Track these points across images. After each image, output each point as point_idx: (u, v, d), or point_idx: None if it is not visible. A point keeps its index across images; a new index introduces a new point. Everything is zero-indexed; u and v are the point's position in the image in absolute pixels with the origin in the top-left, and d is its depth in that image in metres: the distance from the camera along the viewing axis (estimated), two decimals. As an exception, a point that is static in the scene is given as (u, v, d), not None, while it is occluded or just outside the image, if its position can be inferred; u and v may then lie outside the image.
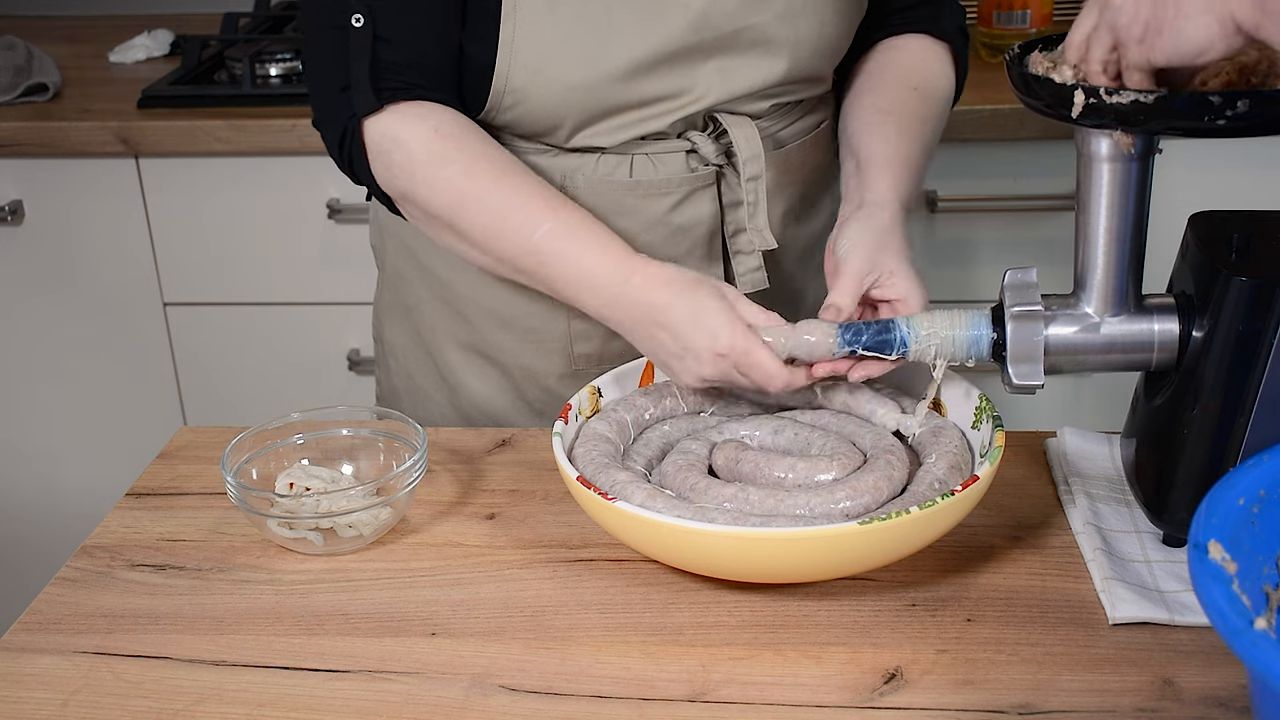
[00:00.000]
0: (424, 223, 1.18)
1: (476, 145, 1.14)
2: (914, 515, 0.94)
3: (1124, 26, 0.87)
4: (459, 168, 1.13)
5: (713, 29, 1.15)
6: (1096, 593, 1.00)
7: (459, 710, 0.92)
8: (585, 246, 1.12)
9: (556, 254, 1.12)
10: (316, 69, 1.17)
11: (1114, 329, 1.01)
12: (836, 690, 0.92)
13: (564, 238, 1.11)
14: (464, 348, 1.31)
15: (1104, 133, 0.95)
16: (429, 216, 1.16)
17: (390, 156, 1.14)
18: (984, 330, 1.03)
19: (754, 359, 1.05)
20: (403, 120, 1.13)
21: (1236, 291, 0.94)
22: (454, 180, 1.13)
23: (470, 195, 1.13)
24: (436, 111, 1.14)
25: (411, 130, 1.13)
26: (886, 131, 1.21)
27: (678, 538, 0.95)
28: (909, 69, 1.27)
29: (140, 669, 0.97)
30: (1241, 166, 1.89)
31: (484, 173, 1.13)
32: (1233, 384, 0.96)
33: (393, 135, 1.13)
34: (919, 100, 1.24)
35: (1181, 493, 1.00)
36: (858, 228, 1.12)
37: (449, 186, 1.13)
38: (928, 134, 1.24)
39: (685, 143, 1.21)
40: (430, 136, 1.13)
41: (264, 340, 2.14)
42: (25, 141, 2.02)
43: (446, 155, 1.13)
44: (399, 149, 1.13)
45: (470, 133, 1.15)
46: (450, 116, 1.15)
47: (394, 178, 1.15)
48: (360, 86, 1.13)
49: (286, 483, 1.12)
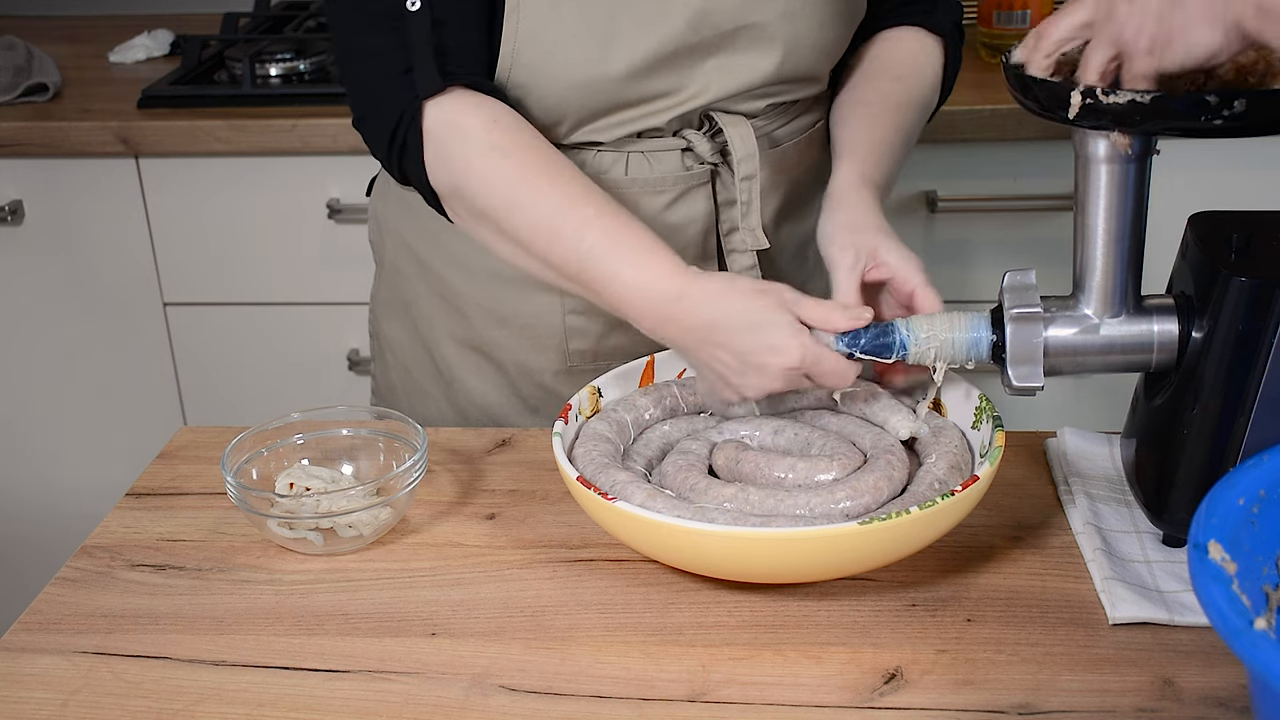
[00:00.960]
0: (471, 222, 1.14)
1: (530, 141, 1.12)
2: (914, 515, 0.94)
3: (1130, 40, 0.87)
4: (514, 162, 1.10)
5: (713, 27, 1.15)
6: (1096, 593, 1.00)
7: (459, 710, 0.92)
8: (631, 260, 1.07)
9: (602, 267, 1.08)
10: (366, 59, 1.14)
11: (1113, 330, 1.01)
12: (836, 690, 0.92)
13: (610, 249, 1.07)
14: (460, 343, 1.31)
15: (1102, 134, 0.95)
16: (477, 215, 1.13)
17: (447, 145, 1.11)
18: (983, 332, 1.03)
19: (824, 366, 1.02)
20: (463, 106, 1.11)
21: (1236, 291, 0.94)
22: (508, 175, 1.10)
23: (523, 193, 1.10)
24: (491, 102, 1.12)
25: (471, 118, 1.11)
26: (861, 120, 1.21)
27: (678, 538, 0.96)
28: (895, 60, 1.27)
29: (140, 669, 0.97)
30: (1242, 167, 1.89)
31: (538, 171, 1.11)
32: (1232, 384, 0.96)
33: (452, 121, 1.11)
34: (901, 88, 1.25)
35: (1181, 493, 1.00)
36: (828, 221, 1.12)
37: (503, 181, 1.10)
38: (905, 118, 1.23)
39: (681, 141, 1.21)
40: (489, 126, 1.11)
41: (264, 340, 2.14)
42: (25, 141, 2.02)
43: (503, 148, 1.11)
44: (456, 136, 1.11)
45: (525, 128, 1.13)
46: (504, 109, 1.13)
47: (449, 168, 1.12)
48: (424, 68, 1.10)
49: (286, 483, 1.12)
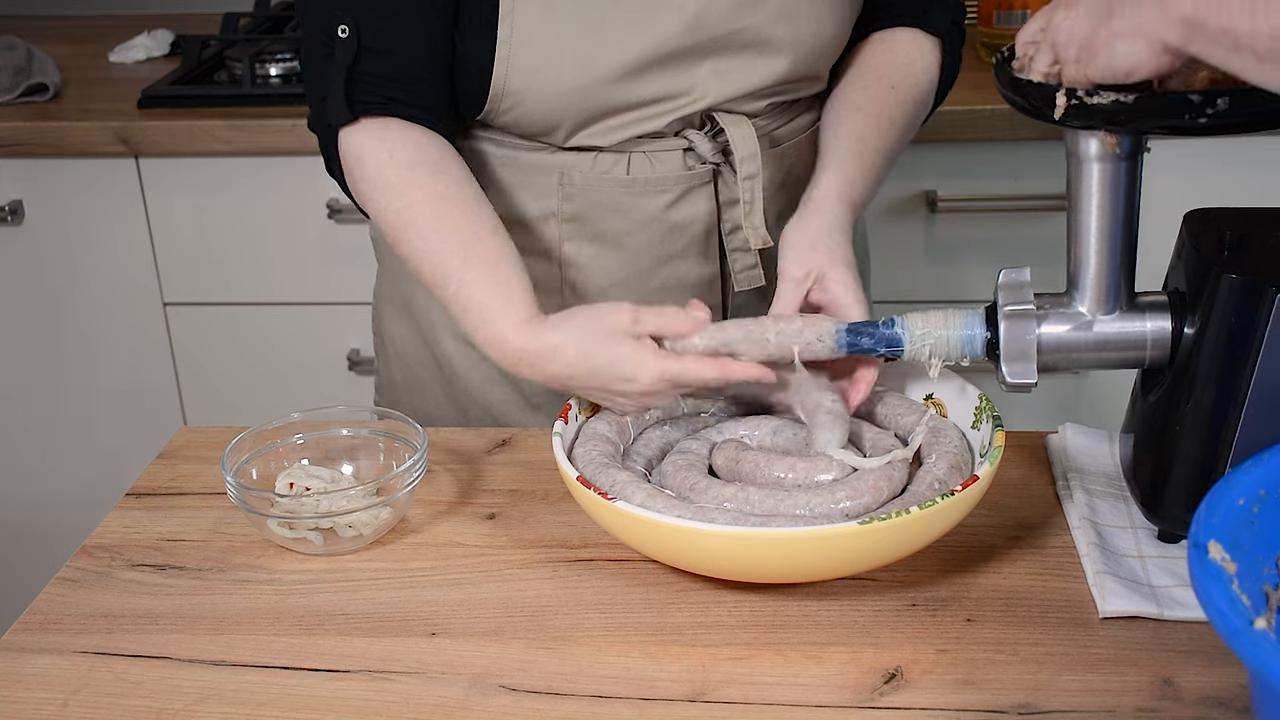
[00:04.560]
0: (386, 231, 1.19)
1: (425, 179, 1.14)
2: (914, 515, 0.94)
3: (1062, 45, 0.90)
4: (403, 201, 1.13)
5: (707, 30, 1.15)
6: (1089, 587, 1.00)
7: (459, 710, 0.92)
8: (482, 320, 1.09)
9: (464, 318, 1.11)
10: (308, 75, 1.19)
11: (1106, 327, 1.01)
12: (836, 690, 0.92)
13: (465, 306, 1.10)
14: (460, 339, 1.31)
15: (1091, 133, 0.96)
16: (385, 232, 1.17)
17: (354, 171, 1.16)
18: (978, 329, 1.03)
19: (690, 376, 1.04)
20: (368, 138, 1.14)
21: (1228, 288, 0.95)
22: (392, 210, 1.14)
23: (403, 234, 1.14)
24: (396, 133, 1.14)
25: (372, 151, 1.14)
26: (851, 128, 1.21)
27: (678, 538, 0.95)
28: (890, 65, 1.26)
29: (140, 669, 0.97)
30: (1238, 166, 1.90)
31: (421, 212, 1.13)
32: (1225, 381, 0.96)
33: (356, 152, 1.15)
34: (894, 100, 1.24)
35: (1175, 489, 1.01)
36: (795, 228, 1.13)
37: (386, 214, 1.14)
38: (894, 135, 1.23)
39: (682, 141, 1.21)
40: (385, 161, 1.14)
41: (264, 340, 2.14)
42: (25, 141, 2.02)
43: (391, 185, 1.14)
44: (359, 166, 1.15)
45: (422, 165, 1.14)
46: (410, 141, 1.15)
47: (356, 191, 1.17)
48: (334, 98, 1.14)
49: (286, 483, 1.12)
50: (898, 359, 1.05)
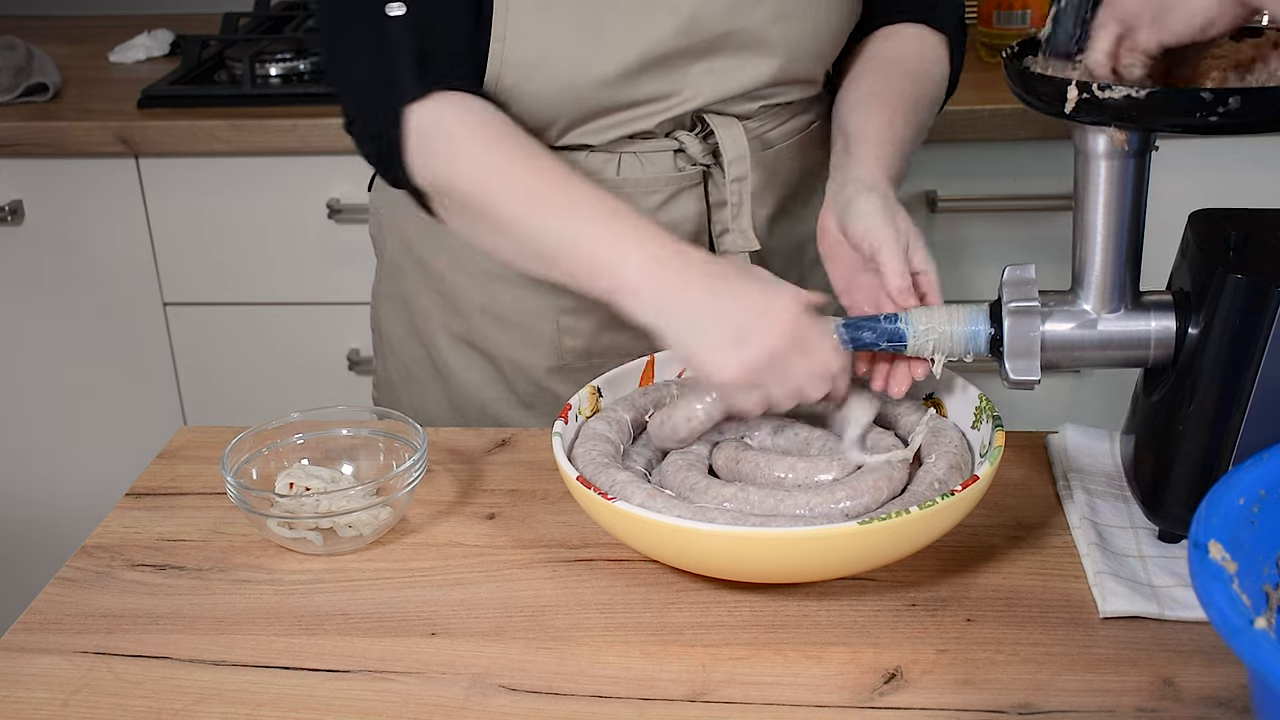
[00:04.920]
0: (458, 216, 1.14)
1: (517, 136, 1.12)
2: (914, 515, 0.94)
3: (1134, 12, 0.90)
4: (500, 154, 1.11)
5: (702, 31, 1.15)
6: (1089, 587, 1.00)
7: (459, 710, 0.92)
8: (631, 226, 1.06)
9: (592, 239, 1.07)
10: (350, 64, 1.14)
11: (1111, 326, 1.01)
12: (836, 690, 0.92)
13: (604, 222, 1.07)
14: (456, 339, 1.31)
15: (1100, 130, 0.95)
16: (463, 208, 1.13)
17: (432, 143, 1.11)
18: (982, 326, 1.03)
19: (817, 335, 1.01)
20: (449, 108, 1.11)
21: (1233, 288, 0.95)
22: (495, 164, 1.10)
23: (509, 180, 1.10)
24: (479, 101, 1.13)
25: (455, 116, 1.11)
26: (877, 111, 1.19)
27: (678, 538, 0.95)
28: (903, 54, 1.26)
29: (140, 669, 0.97)
30: (1246, 166, 1.89)
31: (524, 160, 1.10)
32: (1228, 381, 0.96)
33: (436, 121, 1.11)
34: (912, 83, 1.23)
35: (1177, 489, 1.01)
36: (869, 205, 1.08)
37: (490, 170, 1.10)
38: (919, 117, 1.22)
39: (673, 142, 1.21)
40: (474, 122, 1.11)
41: (264, 340, 2.14)
42: (25, 141, 2.02)
43: (487, 141, 1.11)
44: (441, 134, 1.11)
45: (511, 124, 1.13)
46: (492, 108, 1.13)
47: (433, 165, 1.12)
48: (405, 74, 1.10)
49: (286, 483, 1.12)
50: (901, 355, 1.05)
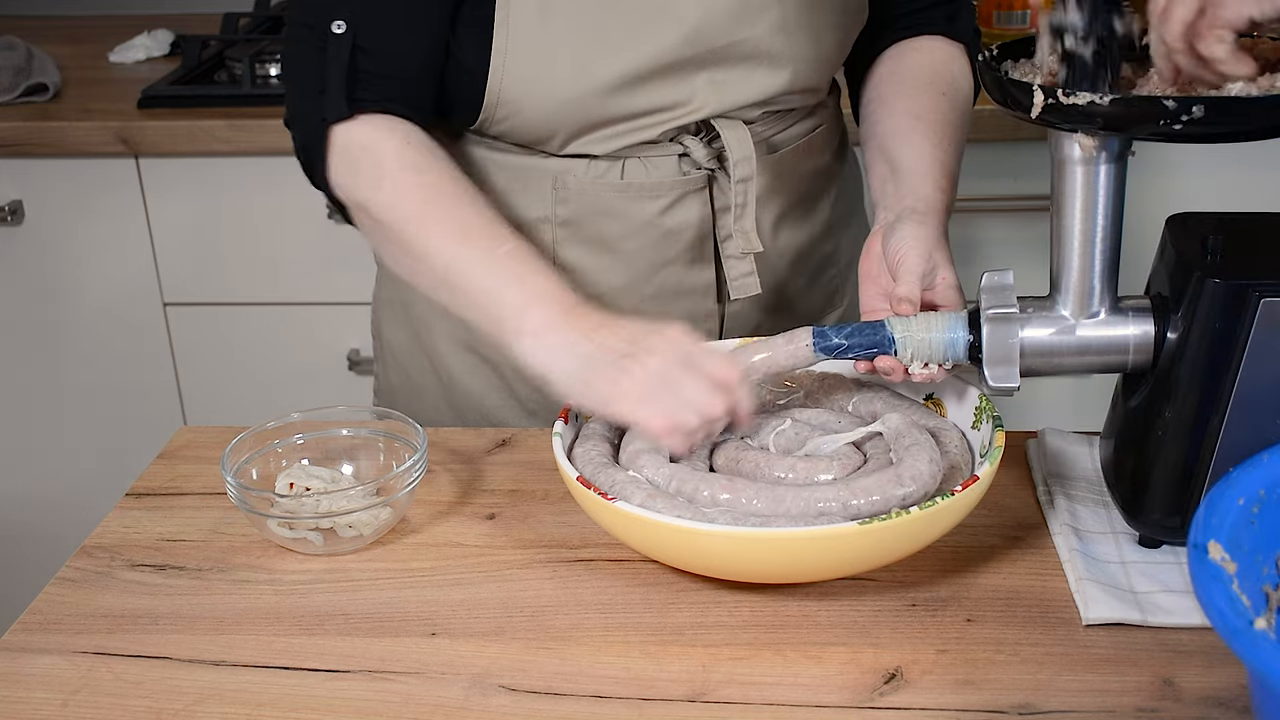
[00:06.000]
0: (370, 232, 1.16)
1: (445, 163, 1.14)
2: (914, 515, 0.94)
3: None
4: (430, 177, 1.12)
5: (705, 43, 1.15)
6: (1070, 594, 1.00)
7: (459, 710, 0.92)
8: (536, 273, 1.08)
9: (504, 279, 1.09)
10: (292, 68, 1.17)
11: (1089, 331, 1.01)
12: (836, 690, 0.92)
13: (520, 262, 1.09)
14: (458, 345, 1.31)
15: (1071, 135, 0.96)
16: (377, 226, 1.14)
17: (358, 164, 1.13)
18: (960, 333, 1.03)
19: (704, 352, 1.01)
20: (374, 130, 1.13)
21: (1211, 293, 0.95)
22: (415, 186, 1.12)
23: (433, 200, 1.12)
24: (404, 126, 1.14)
25: (383, 140, 1.13)
26: (922, 138, 1.19)
27: (678, 538, 0.95)
28: (934, 73, 1.26)
29: (140, 669, 0.97)
30: (1225, 170, 1.89)
31: (449, 187, 1.12)
32: (1207, 385, 0.96)
33: (362, 144, 1.13)
34: (949, 105, 1.23)
35: (1156, 494, 1.01)
36: (912, 229, 1.09)
37: (407, 193, 1.12)
38: (959, 140, 1.22)
39: (678, 146, 1.21)
40: (402, 146, 1.13)
41: (264, 340, 2.14)
42: (25, 141, 2.02)
43: (418, 165, 1.13)
44: (368, 156, 1.13)
45: (439, 150, 1.14)
46: (419, 131, 1.14)
47: (357, 184, 1.14)
48: (333, 93, 1.12)
49: (286, 483, 1.12)
50: None
